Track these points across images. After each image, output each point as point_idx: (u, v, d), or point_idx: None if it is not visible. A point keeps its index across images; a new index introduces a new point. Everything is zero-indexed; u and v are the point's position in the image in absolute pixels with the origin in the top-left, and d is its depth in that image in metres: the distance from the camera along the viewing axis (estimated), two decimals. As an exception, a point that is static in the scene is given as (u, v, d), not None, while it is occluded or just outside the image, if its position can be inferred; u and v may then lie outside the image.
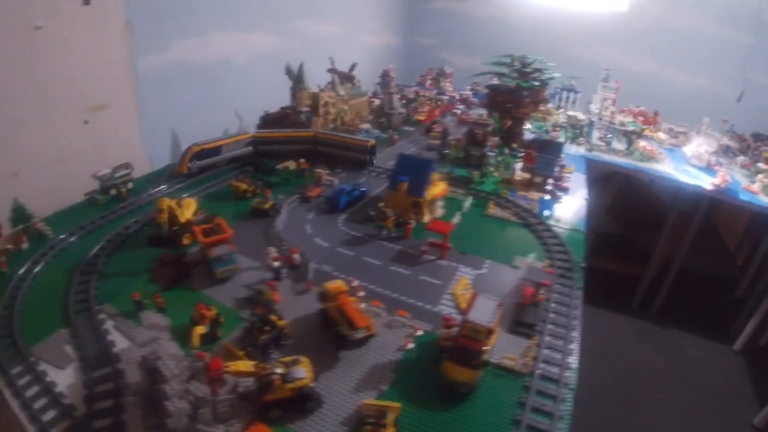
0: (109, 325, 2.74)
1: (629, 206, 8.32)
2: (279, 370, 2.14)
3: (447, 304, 3.00)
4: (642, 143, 6.65)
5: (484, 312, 2.52)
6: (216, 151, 4.87)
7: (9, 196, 3.40)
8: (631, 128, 6.75)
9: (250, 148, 5.05)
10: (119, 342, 2.61)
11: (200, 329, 2.51)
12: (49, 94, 4.37)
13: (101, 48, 4.66)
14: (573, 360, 2.66)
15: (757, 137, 7.19)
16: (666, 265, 7.17)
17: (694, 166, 6.47)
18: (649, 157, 6.47)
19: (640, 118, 7.45)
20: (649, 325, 7.16)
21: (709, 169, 6.31)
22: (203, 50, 5.87)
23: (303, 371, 2.18)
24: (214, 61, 6.08)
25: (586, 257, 3.60)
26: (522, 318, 2.89)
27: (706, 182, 5.94)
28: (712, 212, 9.27)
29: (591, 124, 7.04)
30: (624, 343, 6.80)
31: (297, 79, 5.40)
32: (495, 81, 6.20)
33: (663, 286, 7.19)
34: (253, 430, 2.09)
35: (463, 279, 2.81)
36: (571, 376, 2.55)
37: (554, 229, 4.05)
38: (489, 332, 2.44)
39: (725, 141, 7.05)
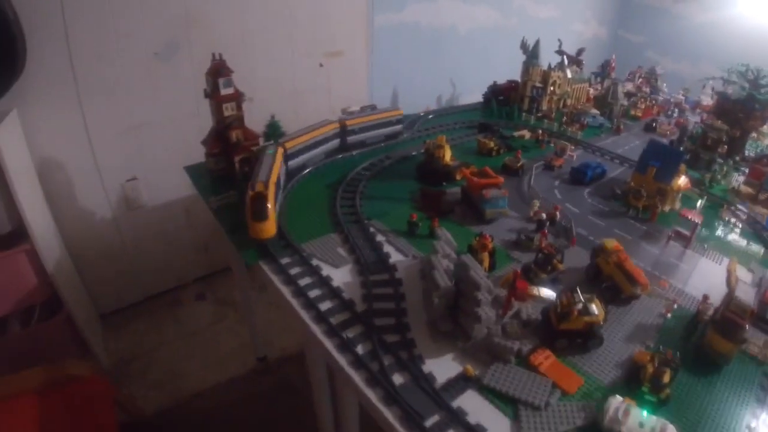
0: (380, 238, 2.94)
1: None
2: (578, 304, 2.23)
3: (695, 287, 2.98)
4: None
5: (747, 294, 2.61)
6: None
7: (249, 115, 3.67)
8: None
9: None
10: (393, 255, 2.79)
11: (486, 257, 2.64)
12: (293, 35, 4.79)
13: (343, 1, 5.12)
14: None
15: None
16: None
17: None
18: None
19: None
20: None
21: None
22: (433, 15, 6.08)
23: (596, 308, 2.27)
24: (440, 27, 6.27)
25: None
26: (764, 314, 2.81)
27: None
28: None
29: (820, 152, 6.52)
30: None
31: (532, 54, 5.42)
32: (728, 90, 5.92)
33: None
34: (541, 353, 2.22)
35: (735, 260, 2.78)
36: None
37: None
38: (752, 313, 2.45)
39: None
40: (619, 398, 1.98)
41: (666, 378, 2.10)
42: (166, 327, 5.12)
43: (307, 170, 3.66)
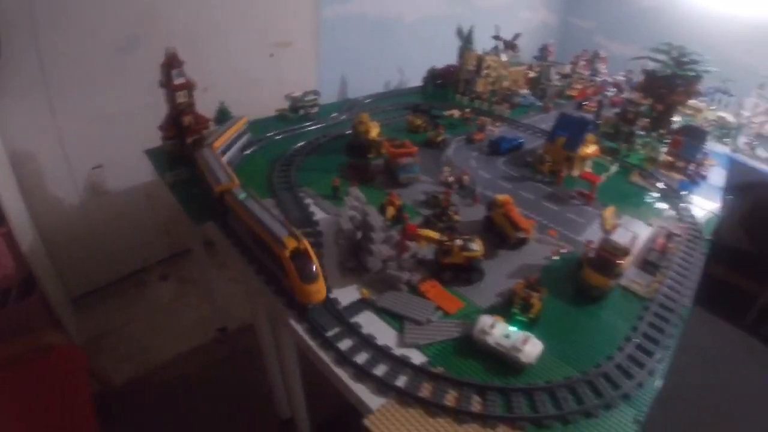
0: (308, 201, 3.38)
1: (766, 223, 8.15)
2: (458, 242, 2.70)
3: (589, 236, 3.43)
4: (796, 156, 6.61)
5: (623, 237, 2.95)
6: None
7: (205, 103, 4.02)
8: (781, 136, 6.73)
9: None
10: (318, 213, 3.25)
11: (392, 210, 3.12)
12: (246, 28, 5.13)
13: (291, -6, 5.36)
14: (687, 301, 2.99)
15: None
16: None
17: None
18: (798, 169, 6.43)
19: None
20: (758, 344, 6.96)
21: None
22: (379, 5, 6.43)
23: (476, 246, 2.71)
24: (386, 17, 6.63)
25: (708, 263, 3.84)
26: (650, 258, 3.29)
27: None
28: None
29: (740, 127, 7.05)
30: (732, 353, 6.73)
31: (467, 39, 5.86)
32: (654, 68, 6.40)
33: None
34: (429, 283, 2.71)
35: (612, 207, 3.26)
36: (684, 311, 2.88)
37: (689, 204, 4.32)
38: (625, 252, 2.85)
39: None
40: (489, 316, 2.44)
41: (535, 301, 2.56)
42: (134, 306, 5.47)
43: (253, 148, 4.10)
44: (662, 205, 4.25)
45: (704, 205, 4.53)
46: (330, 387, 2.25)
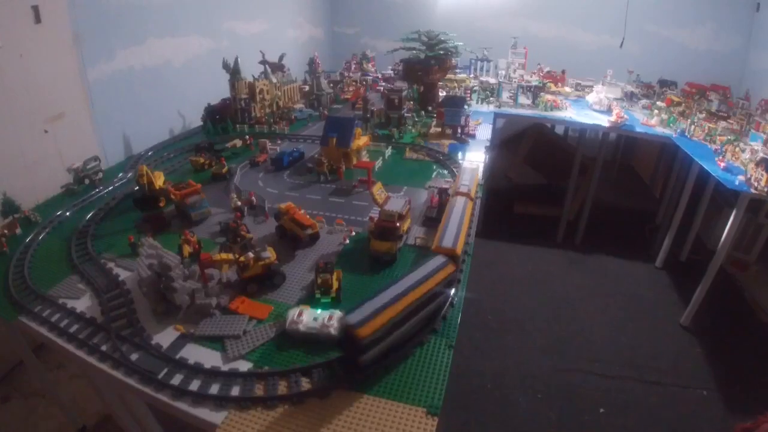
0: (111, 265, 3.41)
1: (544, 156, 9.27)
2: (251, 254, 2.98)
3: (374, 215, 3.87)
4: (548, 96, 7.60)
5: (396, 205, 3.44)
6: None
7: None
8: (535, 84, 7.74)
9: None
10: (123, 273, 3.30)
11: (188, 248, 3.30)
12: (12, 108, 4.91)
13: (54, 61, 5.22)
14: (471, 239, 3.56)
15: (663, 83, 8.42)
16: (583, 204, 8.17)
17: (596, 110, 7.50)
18: (553, 107, 7.43)
19: (544, 74, 8.48)
20: (576, 254, 8.14)
21: (609, 111, 7.35)
22: (145, 56, 6.45)
23: (269, 253, 3.01)
24: (155, 66, 6.66)
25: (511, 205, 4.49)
26: (429, 214, 3.90)
27: (605, 122, 6.94)
28: (629, 156, 10.58)
29: (500, 85, 7.99)
30: (553, 269, 7.73)
31: (234, 71, 6.13)
32: (410, 56, 7.10)
33: (581, 220, 8.22)
34: (237, 300, 2.96)
35: (378, 183, 3.69)
36: (470, 247, 3.45)
37: (460, 161, 4.98)
38: (400, 216, 3.35)
39: (629, 88, 8.11)
40: (295, 308, 2.76)
41: (332, 281, 2.93)
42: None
43: (45, 230, 4.00)
44: (436, 169, 4.86)
45: (476, 158, 5.19)
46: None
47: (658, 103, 7.40)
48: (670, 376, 5.53)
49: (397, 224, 3.32)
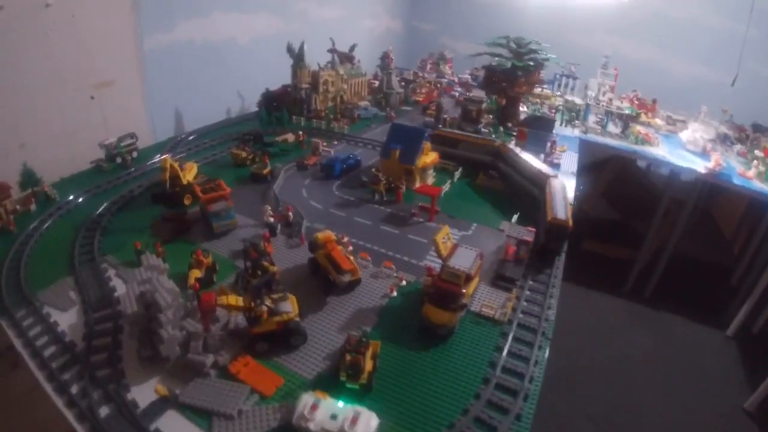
0: (111, 273, 2.90)
1: (624, 191, 8.44)
2: (267, 304, 2.30)
3: (432, 258, 3.17)
4: (638, 128, 6.80)
5: (464, 260, 2.67)
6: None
7: (18, 163, 3.56)
8: (627, 112, 6.91)
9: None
10: (120, 288, 2.76)
11: (196, 272, 2.68)
12: (58, 70, 4.51)
13: (108, 25, 4.80)
14: (551, 313, 2.82)
15: (757, 128, 7.43)
16: (660, 251, 7.30)
17: (690, 151, 6.64)
18: (644, 141, 6.63)
19: (636, 102, 7.63)
20: (642, 308, 7.28)
21: (704, 154, 6.49)
22: (208, 30, 6.01)
23: (289, 306, 2.33)
24: (218, 41, 6.22)
25: (581, 240, 3.77)
26: (503, 272, 3.06)
27: (700, 166, 6.10)
28: (710, 202, 9.50)
29: (588, 107, 7.19)
30: (617, 323, 6.92)
31: (298, 57, 5.57)
32: (493, 63, 6.39)
33: (656, 271, 7.33)
34: (240, 360, 2.26)
35: (445, 227, 2.92)
36: (548, 327, 2.70)
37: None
38: (468, 278, 2.58)
39: (723, 129, 7.20)
40: (310, 394, 2.04)
41: (365, 363, 2.19)
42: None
43: (58, 212, 3.53)
44: (514, 205, 4.12)
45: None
46: None
47: (756, 152, 6.52)
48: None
49: (463, 290, 2.58)
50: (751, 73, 8.11)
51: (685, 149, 6.71)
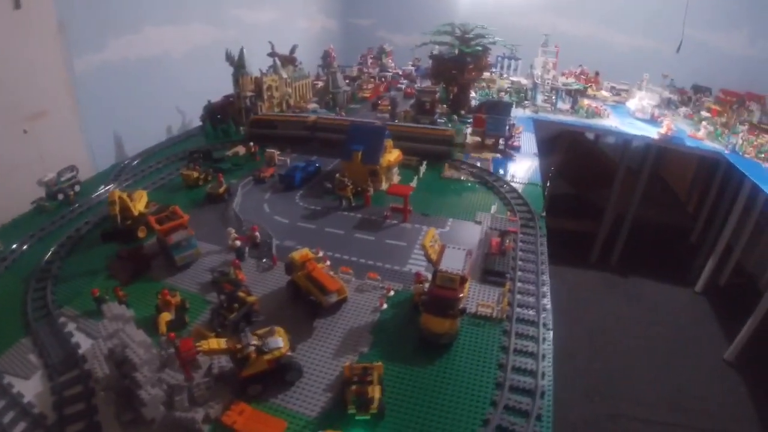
0: (71, 327, 2.62)
1: (577, 165, 8.49)
2: (254, 342, 2.07)
3: (415, 262, 3.03)
4: (586, 101, 6.85)
5: (455, 261, 2.52)
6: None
7: None
8: (575, 87, 6.93)
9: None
10: (84, 343, 2.49)
11: (166, 316, 2.44)
12: None
13: (34, 51, 4.46)
14: (546, 301, 2.73)
15: (697, 89, 7.74)
16: (619, 220, 7.48)
17: (639, 119, 6.78)
18: (595, 114, 6.68)
19: (582, 77, 7.69)
20: (611, 276, 7.46)
21: (653, 121, 6.71)
22: (141, 46, 5.71)
23: (279, 340, 2.11)
24: (152, 57, 5.92)
25: (545, 207, 3.67)
26: (491, 267, 2.94)
27: (653, 133, 6.26)
28: (659, 166, 9.70)
29: (535, 87, 7.17)
30: (589, 295, 7.04)
31: (238, 64, 5.32)
32: (437, 51, 6.27)
33: (619, 239, 7.54)
34: (234, 409, 2.03)
35: (431, 230, 2.76)
36: (547, 316, 2.61)
37: (511, 184, 4.11)
38: (463, 280, 2.45)
39: (667, 94, 7.37)
40: None
41: (372, 392, 2.01)
42: None
43: (4, 262, 3.19)
44: (485, 194, 4.01)
45: (524, 175, 4.39)
46: None
47: (703, 113, 6.68)
48: (720, 420, 5.03)
49: (460, 294, 2.42)
50: (686, 37, 8.31)
51: (635, 117, 6.84)
